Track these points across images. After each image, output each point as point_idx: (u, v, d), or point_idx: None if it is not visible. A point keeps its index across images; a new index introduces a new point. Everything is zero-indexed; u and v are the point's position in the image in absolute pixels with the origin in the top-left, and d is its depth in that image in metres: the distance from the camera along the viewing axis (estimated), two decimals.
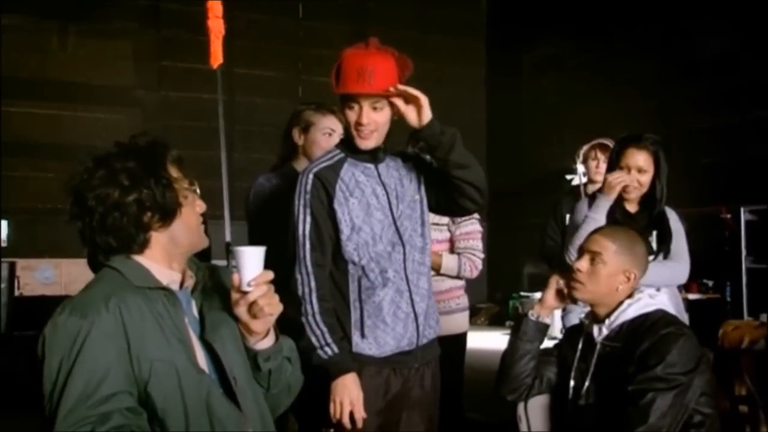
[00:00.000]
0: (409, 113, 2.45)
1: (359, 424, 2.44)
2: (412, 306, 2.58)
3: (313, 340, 2.45)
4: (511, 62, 14.12)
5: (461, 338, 3.72)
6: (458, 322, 3.70)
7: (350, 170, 2.55)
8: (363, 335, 2.53)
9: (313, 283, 2.49)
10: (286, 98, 10.85)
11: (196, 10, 10.68)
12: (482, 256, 3.72)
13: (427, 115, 2.44)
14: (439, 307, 3.60)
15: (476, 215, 3.68)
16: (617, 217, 3.10)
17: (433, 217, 3.61)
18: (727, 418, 4.19)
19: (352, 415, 2.43)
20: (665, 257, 3.09)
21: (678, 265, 3.12)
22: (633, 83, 11.09)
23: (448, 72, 13.56)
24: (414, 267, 2.60)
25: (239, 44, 11.16)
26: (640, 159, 3.08)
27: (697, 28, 10.29)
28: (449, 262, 3.63)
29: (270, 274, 1.74)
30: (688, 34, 10.41)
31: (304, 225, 2.52)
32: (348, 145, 2.58)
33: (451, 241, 3.69)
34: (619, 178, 3.09)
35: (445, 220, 3.64)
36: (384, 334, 2.54)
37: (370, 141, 2.51)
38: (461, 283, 3.73)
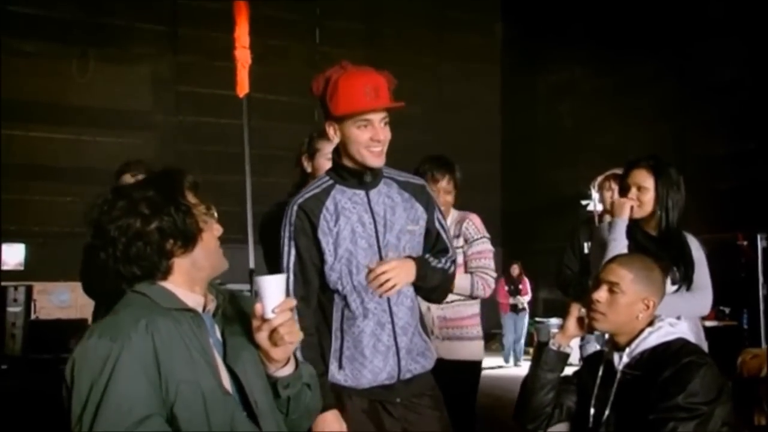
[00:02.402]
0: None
1: None
2: (394, 339, 2.50)
3: None
4: (526, 87, 14.18)
5: (477, 365, 3.72)
6: (475, 349, 3.70)
7: (337, 197, 2.50)
8: (340, 366, 2.48)
9: (294, 317, 2.44)
10: (301, 123, 10.91)
11: (213, 35, 10.83)
12: (495, 275, 3.71)
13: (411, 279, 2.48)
14: (459, 333, 3.62)
15: (486, 234, 3.69)
16: (638, 238, 3.10)
17: None
18: None
19: None
20: (688, 288, 3.07)
21: (700, 296, 3.10)
22: (648, 109, 11.10)
23: (463, 96, 13.62)
24: (398, 299, 2.52)
25: (255, 69, 11.25)
26: (639, 177, 3.15)
27: (713, 54, 10.29)
28: (462, 281, 3.58)
29: (292, 302, 1.77)
30: (704, 60, 10.42)
31: (289, 257, 2.48)
32: (337, 172, 2.54)
33: (465, 262, 3.68)
34: (624, 200, 3.13)
35: (460, 242, 3.64)
36: (361, 366, 2.47)
37: (382, 158, 2.48)
38: (478, 310, 3.73)
